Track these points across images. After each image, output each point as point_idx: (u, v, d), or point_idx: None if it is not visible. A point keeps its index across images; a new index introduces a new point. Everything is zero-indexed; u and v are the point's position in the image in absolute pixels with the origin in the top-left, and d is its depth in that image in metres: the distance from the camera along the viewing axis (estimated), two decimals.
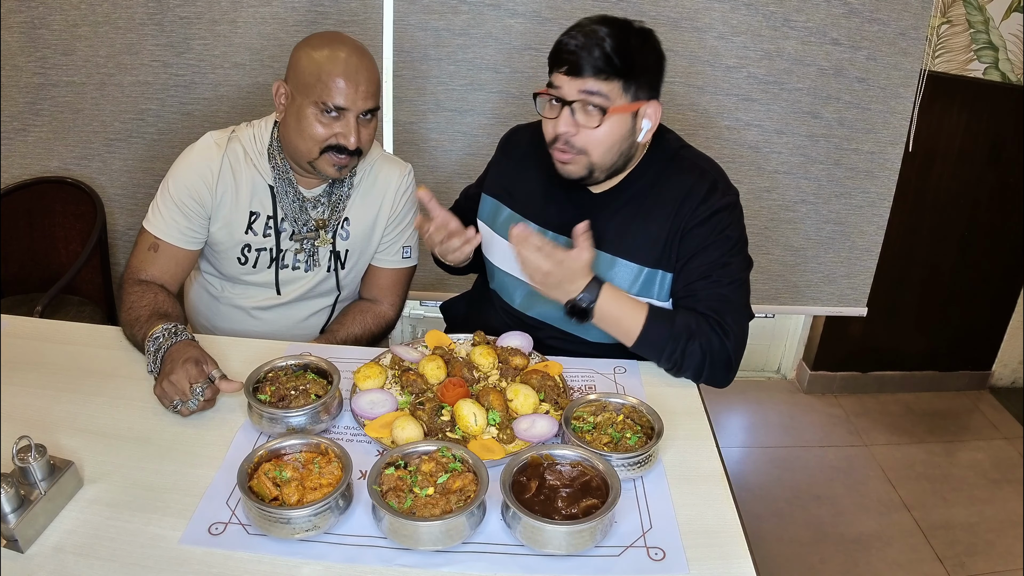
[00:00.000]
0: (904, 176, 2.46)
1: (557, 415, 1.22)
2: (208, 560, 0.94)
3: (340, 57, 1.36)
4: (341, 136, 1.39)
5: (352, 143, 1.39)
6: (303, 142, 1.40)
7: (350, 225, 1.57)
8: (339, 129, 1.38)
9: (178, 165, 1.48)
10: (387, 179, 1.58)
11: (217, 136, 1.49)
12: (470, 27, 2.16)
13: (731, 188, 1.39)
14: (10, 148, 2.25)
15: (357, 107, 1.38)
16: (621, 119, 1.28)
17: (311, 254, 1.55)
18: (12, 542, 0.92)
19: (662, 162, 1.40)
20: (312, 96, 1.36)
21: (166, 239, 1.47)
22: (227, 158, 1.47)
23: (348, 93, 1.36)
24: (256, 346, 1.41)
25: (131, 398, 1.24)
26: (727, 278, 1.34)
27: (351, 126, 1.38)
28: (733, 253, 1.36)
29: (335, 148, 1.40)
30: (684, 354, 1.30)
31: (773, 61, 2.25)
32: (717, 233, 1.34)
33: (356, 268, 1.63)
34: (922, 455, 2.61)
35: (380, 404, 1.21)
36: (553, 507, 0.99)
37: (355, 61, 1.37)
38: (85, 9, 2.10)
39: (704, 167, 1.40)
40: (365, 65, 1.38)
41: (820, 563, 2.13)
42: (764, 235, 2.50)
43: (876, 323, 2.74)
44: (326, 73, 1.35)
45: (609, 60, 1.23)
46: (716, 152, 2.32)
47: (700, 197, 1.35)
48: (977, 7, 2.32)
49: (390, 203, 1.59)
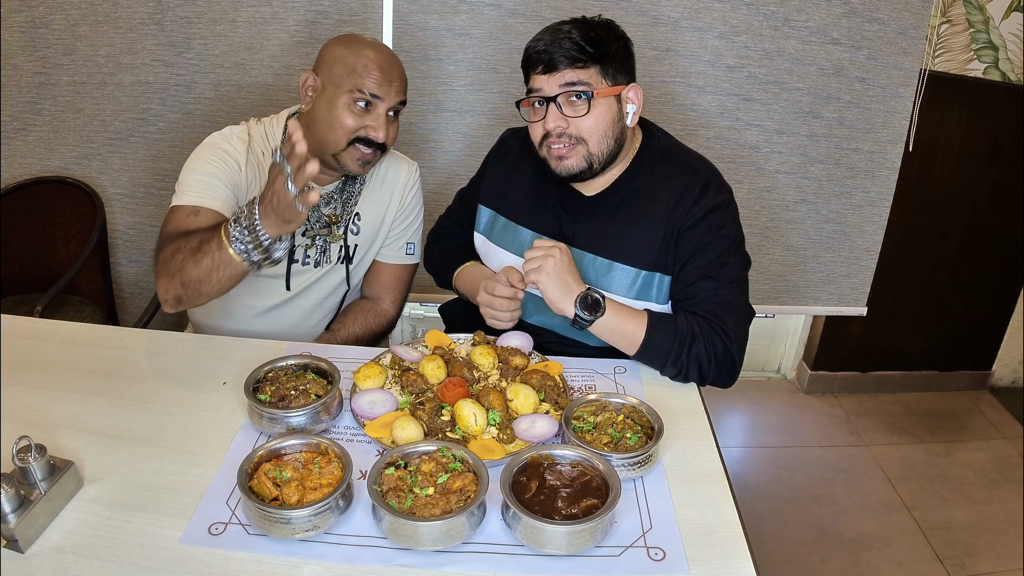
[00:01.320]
0: (904, 176, 2.46)
1: (557, 415, 1.22)
2: (208, 560, 0.94)
3: (375, 51, 1.40)
4: (371, 129, 1.40)
5: (381, 137, 1.41)
6: (332, 132, 1.40)
7: (361, 220, 1.58)
8: (369, 122, 1.40)
9: (206, 147, 1.44)
10: (396, 175, 1.61)
11: (238, 130, 1.48)
12: (470, 27, 2.16)
13: (724, 186, 1.38)
14: (10, 148, 2.25)
15: (390, 98, 1.40)
16: (607, 103, 1.31)
17: (323, 250, 1.56)
18: (12, 542, 0.92)
19: (653, 162, 1.40)
20: (347, 85, 1.38)
21: (208, 204, 1.37)
22: (252, 152, 1.47)
23: (383, 84, 1.39)
24: (256, 346, 1.41)
25: (131, 398, 1.24)
26: (726, 278, 1.34)
27: (381, 119, 1.41)
28: (730, 252, 1.36)
29: (363, 140, 1.41)
30: (689, 358, 1.30)
31: (773, 61, 2.25)
32: (713, 233, 1.34)
33: (364, 262, 1.64)
34: (922, 455, 2.61)
35: (380, 404, 1.21)
36: (553, 507, 0.99)
37: (389, 56, 1.42)
38: (85, 9, 2.10)
39: (696, 167, 1.39)
40: (397, 62, 1.44)
41: (820, 563, 2.13)
42: (764, 235, 2.50)
43: (876, 323, 2.74)
44: (362, 64, 1.38)
45: (582, 49, 1.27)
46: (716, 152, 2.34)
47: (693, 198, 1.34)
48: (977, 7, 2.32)
49: (399, 198, 1.61)
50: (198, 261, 1.23)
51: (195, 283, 1.25)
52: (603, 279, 1.40)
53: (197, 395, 1.26)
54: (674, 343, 1.30)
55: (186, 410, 1.22)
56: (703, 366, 1.31)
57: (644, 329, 1.31)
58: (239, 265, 1.22)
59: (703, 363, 1.30)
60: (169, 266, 1.27)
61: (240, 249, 1.20)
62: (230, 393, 1.26)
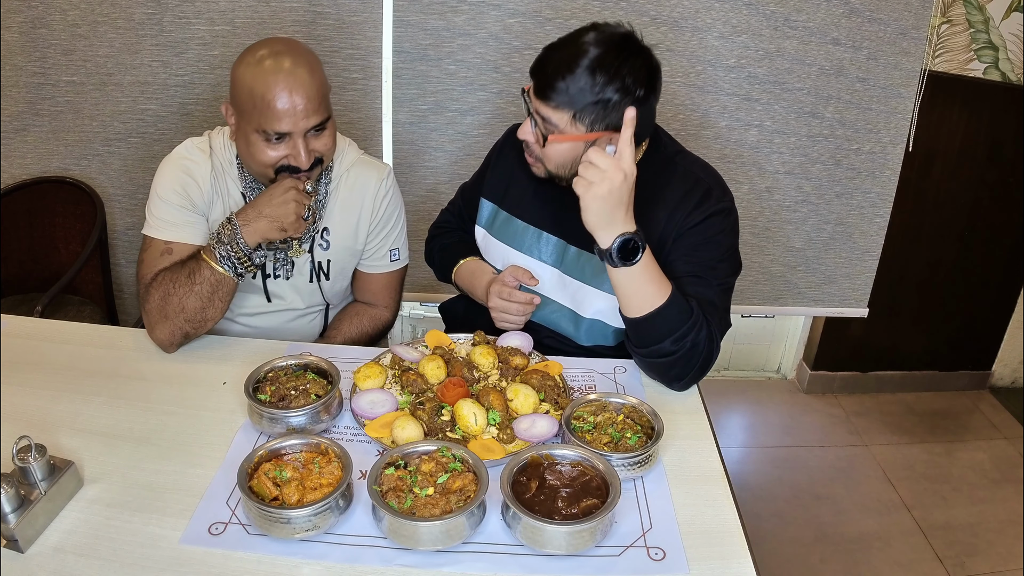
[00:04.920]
0: (904, 176, 2.46)
1: (557, 415, 1.21)
2: (208, 560, 0.94)
3: (273, 78, 1.27)
4: (291, 158, 1.34)
5: (304, 162, 1.34)
6: (256, 166, 1.36)
7: (330, 235, 1.52)
8: (287, 151, 1.33)
9: (170, 165, 1.43)
10: (365, 184, 1.52)
11: (199, 142, 1.45)
12: (470, 27, 2.16)
13: (726, 195, 1.37)
14: (10, 148, 2.25)
15: (299, 128, 1.31)
16: (569, 146, 1.27)
17: (285, 263, 1.51)
18: (12, 542, 0.92)
19: (657, 165, 1.39)
20: (252, 123, 1.30)
21: (179, 239, 1.39)
22: (214, 161, 1.44)
23: (287, 117, 1.28)
24: (256, 346, 1.41)
25: (131, 398, 1.24)
26: (715, 280, 1.33)
27: (299, 147, 1.32)
28: (723, 258, 1.35)
29: (288, 168, 1.35)
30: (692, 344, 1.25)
31: (773, 61, 2.25)
32: (710, 236, 1.33)
33: (342, 277, 1.59)
34: (922, 455, 2.61)
35: (380, 404, 1.21)
36: (553, 507, 0.99)
37: (288, 79, 1.27)
38: (85, 9, 2.10)
39: (699, 175, 1.38)
40: (301, 80, 1.28)
41: (820, 563, 2.13)
42: (765, 235, 2.50)
43: (876, 323, 2.74)
44: (259, 98, 1.27)
45: (558, 92, 1.21)
46: (716, 152, 2.34)
47: (695, 203, 1.33)
48: (977, 7, 2.32)
49: (370, 208, 1.53)
50: (197, 293, 1.33)
51: (199, 312, 1.34)
52: (599, 275, 1.40)
53: (197, 395, 1.26)
54: (685, 322, 1.24)
55: (186, 410, 1.22)
56: (696, 357, 1.26)
57: (666, 298, 1.23)
58: (231, 281, 1.35)
59: (698, 353, 1.26)
60: (166, 310, 1.33)
61: (228, 266, 1.32)
62: (230, 393, 1.26)
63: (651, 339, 1.27)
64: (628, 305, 1.27)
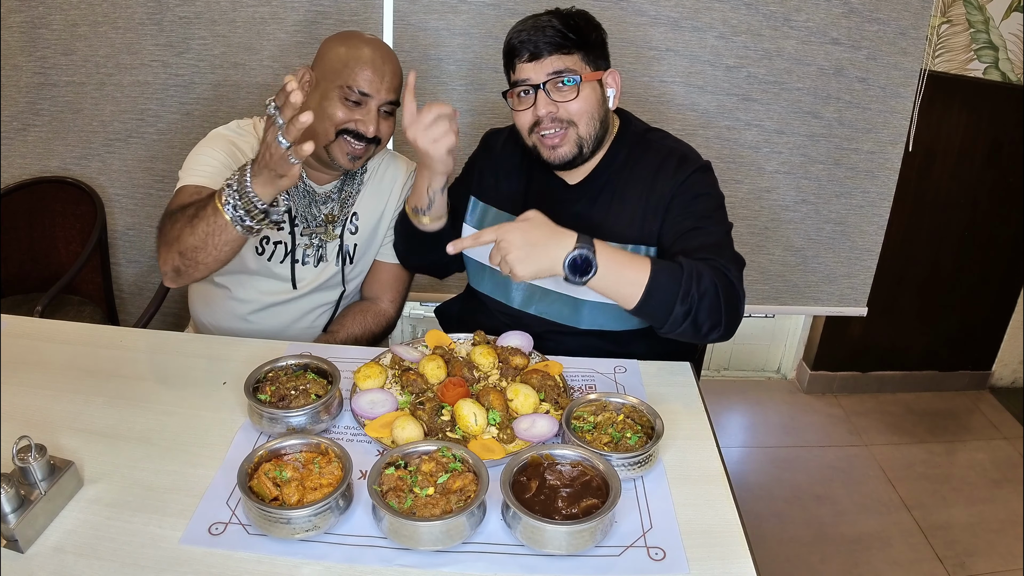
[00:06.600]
0: (904, 176, 2.46)
1: (557, 415, 1.22)
2: (208, 560, 0.94)
3: (369, 49, 1.42)
4: (360, 123, 1.43)
5: (371, 131, 1.43)
6: (321, 123, 1.42)
7: (359, 220, 1.60)
8: (359, 116, 1.42)
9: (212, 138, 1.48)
10: (395, 175, 1.63)
11: (245, 123, 1.53)
12: (470, 27, 2.16)
13: (701, 158, 1.44)
14: (10, 148, 2.25)
15: (380, 96, 1.43)
16: (591, 87, 1.36)
17: (319, 247, 1.57)
18: (12, 542, 0.92)
19: (631, 145, 1.46)
20: (338, 81, 1.41)
21: (213, 184, 1.38)
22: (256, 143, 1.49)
23: (373, 81, 1.41)
24: (256, 346, 1.41)
25: (131, 398, 1.24)
26: (713, 226, 1.36)
27: (372, 114, 1.43)
28: (714, 208, 1.40)
29: (352, 133, 1.43)
30: (700, 291, 1.20)
31: (773, 61, 2.25)
32: (698, 192, 1.39)
33: (363, 263, 1.64)
34: (922, 455, 2.61)
35: (380, 404, 1.21)
36: (553, 507, 0.99)
37: (383, 54, 1.44)
38: (85, 9, 2.10)
39: (672, 145, 1.46)
40: (391, 61, 1.45)
41: (820, 563, 2.13)
42: (764, 235, 2.50)
43: (876, 323, 2.74)
44: (354, 61, 1.41)
45: (565, 36, 1.32)
46: (716, 152, 2.34)
47: (673, 168, 1.40)
48: (977, 7, 2.32)
49: (397, 197, 1.63)
50: (194, 228, 1.26)
51: (192, 251, 1.28)
52: None
53: (197, 395, 1.26)
54: (682, 279, 1.19)
55: (186, 410, 1.22)
56: (714, 301, 1.21)
57: (648, 271, 1.19)
58: (233, 230, 1.25)
59: (712, 298, 1.20)
60: (168, 236, 1.31)
61: (232, 213, 1.23)
62: (230, 393, 1.26)
63: (662, 313, 1.22)
64: (621, 299, 1.23)
